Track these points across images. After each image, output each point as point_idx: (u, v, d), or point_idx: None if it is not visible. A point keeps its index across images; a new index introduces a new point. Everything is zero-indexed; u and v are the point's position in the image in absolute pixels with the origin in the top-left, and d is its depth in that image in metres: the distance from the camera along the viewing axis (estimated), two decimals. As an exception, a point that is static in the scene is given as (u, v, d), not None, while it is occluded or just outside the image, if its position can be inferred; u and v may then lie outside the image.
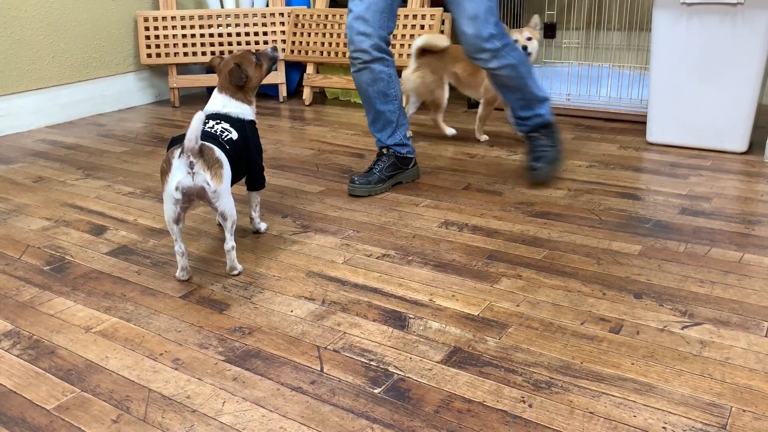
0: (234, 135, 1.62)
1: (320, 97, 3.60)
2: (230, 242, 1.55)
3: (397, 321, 1.39)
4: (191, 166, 1.43)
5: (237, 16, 3.40)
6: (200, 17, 3.38)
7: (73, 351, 1.32)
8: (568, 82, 3.06)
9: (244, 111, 1.71)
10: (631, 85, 2.95)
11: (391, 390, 1.17)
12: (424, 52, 2.58)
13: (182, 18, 3.38)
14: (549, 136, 2.16)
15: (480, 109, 2.65)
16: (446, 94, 2.60)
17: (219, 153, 1.51)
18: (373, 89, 2.07)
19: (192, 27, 3.38)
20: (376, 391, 1.17)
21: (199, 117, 1.40)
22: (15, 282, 1.62)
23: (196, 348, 1.32)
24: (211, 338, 1.35)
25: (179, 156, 1.44)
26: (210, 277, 1.61)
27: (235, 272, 1.60)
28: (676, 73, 2.42)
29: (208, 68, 1.79)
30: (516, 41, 2.43)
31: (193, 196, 1.49)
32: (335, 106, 3.40)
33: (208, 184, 1.46)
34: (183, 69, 3.61)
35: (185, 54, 3.38)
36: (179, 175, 1.44)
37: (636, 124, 2.82)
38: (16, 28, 3.02)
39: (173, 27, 3.38)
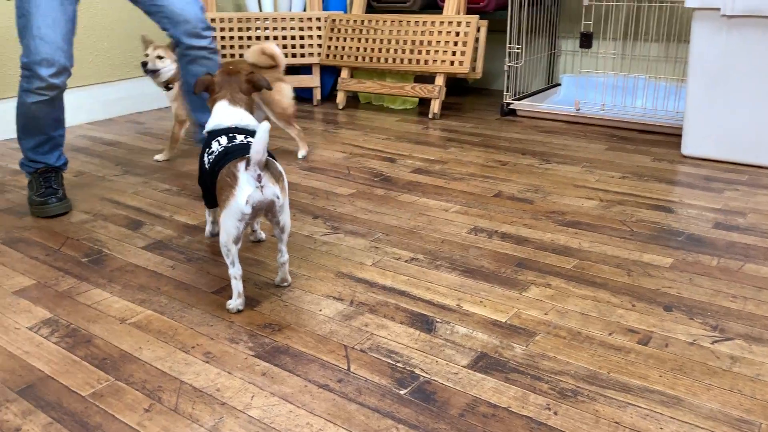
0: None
1: (353, 101, 3.63)
2: (286, 255, 1.52)
3: (424, 324, 1.40)
4: (259, 179, 1.36)
5: (275, 20, 3.46)
6: (239, 20, 3.44)
7: (109, 341, 1.36)
8: (603, 92, 3.05)
9: (255, 124, 1.63)
10: (667, 97, 2.92)
11: (417, 392, 1.18)
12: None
13: (221, 20, 3.44)
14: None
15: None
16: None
17: (279, 165, 1.44)
18: (51, 116, 2.00)
19: (231, 30, 3.44)
20: (401, 392, 1.18)
21: (266, 127, 1.32)
22: (55, 272, 1.67)
23: (226, 342, 1.35)
24: (242, 333, 1.38)
25: (245, 169, 1.36)
26: (243, 273, 1.63)
27: (286, 284, 1.56)
28: (714, 86, 2.39)
29: (200, 90, 1.65)
30: (146, 55, 2.37)
31: (261, 211, 1.41)
32: (368, 110, 3.43)
33: (278, 197, 1.39)
34: (220, 70, 3.67)
35: (224, 56, 3.44)
36: (249, 189, 1.35)
37: (671, 136, 2.79)
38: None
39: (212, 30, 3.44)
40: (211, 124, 1.61)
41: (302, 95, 3.64)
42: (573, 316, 1.43)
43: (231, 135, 1.54)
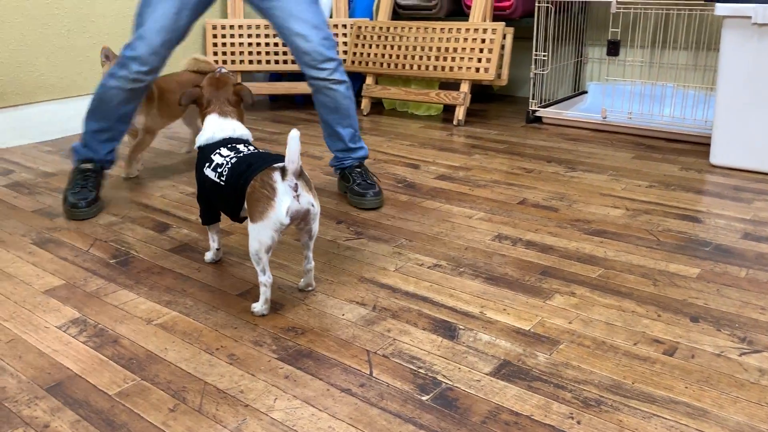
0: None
1: (378, 107, 3.64)
2: (312, 261, 1.53)
3: (447, 331, 1.40)
4: (296, 188, 1.36)
5: (301, 26, 3.48)
6: (266, 26, 3.48)
7: (135, 341, 1.38)
8: (630, 100, 3.02)
9: (248, 134, 1.65)
10: (696, 106, 2.89)
11: (439, 398, 1.18)
12: None
13: (249, 27, 3.48)
14: (366, 170, 2.18)
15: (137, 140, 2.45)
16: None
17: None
18: (122, 107, 2.10)
19: (258, 36, 3.48)
20: (423, 398, 1.18)
21: (296, 135, 1.32)
22: (83, 273, 1.70)
23: (250, 345, 1.36)
24: (266, 336, 1.39)
25: (283, 179, 1.36)
26: (266, 277, 1.65)
27: (310, 288, 1.58)
28: (744, 95, 2.36)
29: (188, 102, 1.66)
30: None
31: (297, 220, 1.41)
32: (392, 116, 3.44)
33: (313, 205, 1.41)
34: (248, 76, 3.72)
35: (250, 62, 3.48)
36: (288, 199, 1.35)
37: (699, 145, 2.76)
38: (93, 33, 3.17)
39: (240, 35, 3.49)
40: (204, 137, 1.61)
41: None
42: (597, 325, 1.41)
43: (230, 146, 1.54)
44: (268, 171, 1.38)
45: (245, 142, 1.59)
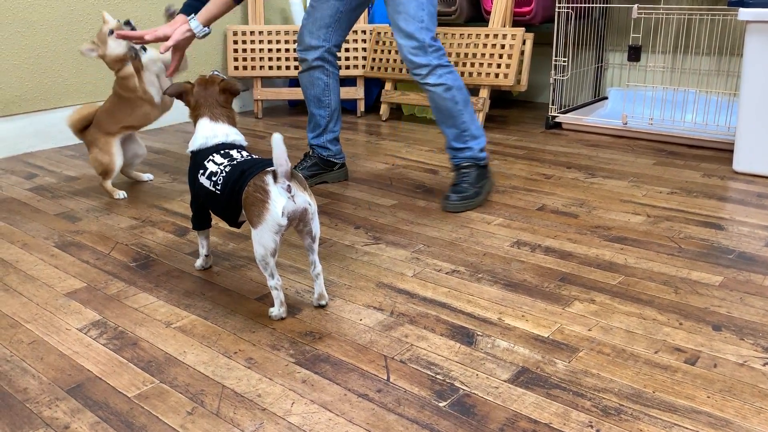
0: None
1: (397, 112, 3.65)
2: (319, 266, 1.49)
3: (465, 337, 1.39)
4: (289, 189, 1.37)
5: (321, 32, 3.50)
6: (286, 32, 3.50)
7: (154, 344, 1.39)
8: (651, 106, 2.99)
9: (242, 137, 1.63)
10: (719, 112, 2.85)
11: (457, 404, 1.18)
12: (84, 130, 2.31)
13: (269, 33, 3.51)
14: (475, 175, 2.17)
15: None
16: (116, 158, 2.27)
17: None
18: (310, 92, 2.33)
19: (278, 42, 3.50)
20: (441, 404, 1.18)
21: (279, 138, 1.32)
22: (104, 276, 1.72)
23: (268, 349, 1.36)
24: (283, 340, 1.39)
25: (275, 182, 1.37)
26: (285, 281, 1.66)
27: (324, 302, 1.52)
28: (768, 101, 2.32)
29: (174, 94, 1.68)
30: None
31: (295, 221, 1.42)
32: (411, 122, 3.44)
33: (310, 204, 1.41)
34: (267, 82, 3.74)
35: (270, 68, 3.50)
36: (282, 200, 1.36)
37: (722, 152, 2.72)
38: (116, 39, 3.21)
39: (260, 41, 3.51)
40: (197, 143, 1.60)
41: (346, 107, 3.68)
42: (617, 333, 1.40)
43: (223, 152, 1.54)
44: (260, 175, 1.39)
45: (238, 148, 1.58)
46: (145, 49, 2.21)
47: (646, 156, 2.70)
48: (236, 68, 3.52)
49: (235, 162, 1.51)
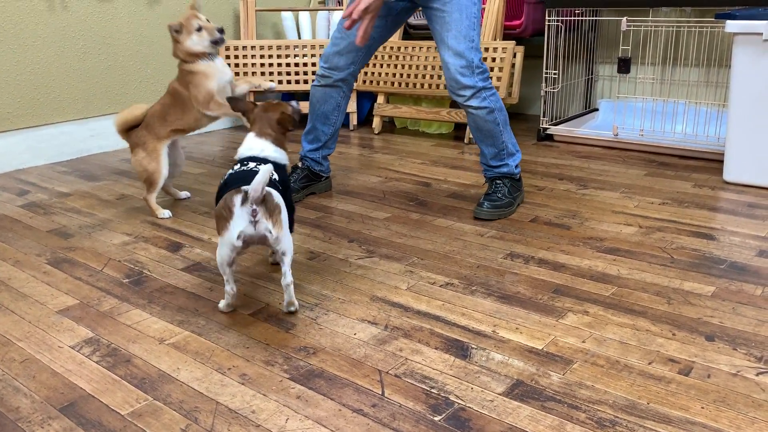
0: (276, 177, 1.59)
1: (389, 126, 3.66)
2: (288, 277, 1.51)
3: (459, 350, 1.39)
4: (254, 214, 1.42)
5: (313, 47, 3.52)
6: (278, 47, 3.52)
7: (147, 361, 1.38)
8: (642, 117, 3.01)
9: (281, 156, 1.69)
10: (708, 123, 2.88)
11: (452, 418, 1.17)
12: (128, 131, 2.28)
13: (261, 48, 3.52)
14: (509, 187, 2.20)
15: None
16: (163, 168, 2.25)
17: (277, 196, 1.49)
18: (320, 107, 2.32)
19: (270, 56, 3.52)
20: (436, 418, 1.18)
21: (267, 169, 1.40)
22: (97, 292, 1.71)
23: (262, 364, 1.36)
24: (277, 356, 1.39)
25: (242, 204, 1.43)
26: (278, 296, 1.65)
27: (293, 308, 1.56)
28: (757, 111, 2.35)
29: (238, 110, 1.77)
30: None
31: (253, 243, 1.49)
32: (403, 135, 3.45)
33: (270, 232, 1.45)
34: (260, 96, 3.75)
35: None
36: (241, 224, 1.43)
37: (712, 162, 2.74)
38: (109, 55, 3.22)
39: (252, 56, 3.53)
40: (239, 153, 1.70)
41: (339, 120, 3.69)
42: (611, 344, 1.40)
43: (244, 162, 1.61)
44: (232, 194, 1.45)
45: (263, 161, 1.61)
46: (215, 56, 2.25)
47: (637, 167, 2.72)
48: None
49: (233, 172, 1.57)
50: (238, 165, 1.61)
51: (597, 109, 3.46)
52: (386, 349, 1.40)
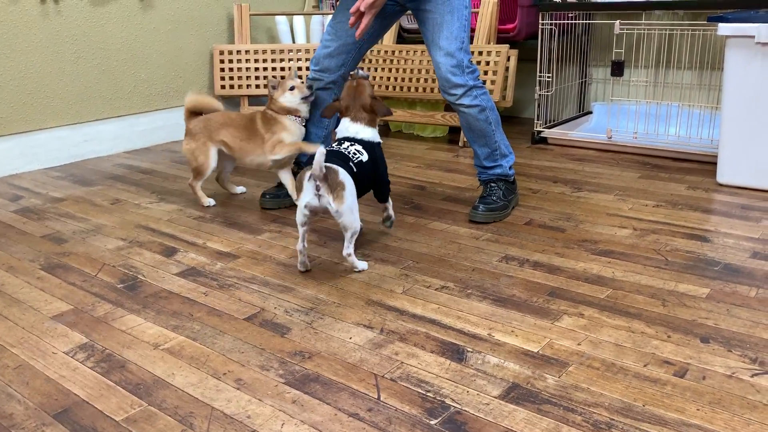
0: (364, 157, 1.85)
1: (384, 129, 3.66)
2: (347, 249, 1.76)
3: (455, 354, 1.39)
4: (317, 189, 1.67)
5: (307, 51, 3.52)
6: (272, 51, 3.52)
7: (142, 366, 1.38)
8: (635, 120, 3.03)
9: (373, 135, 1.94)
10: (701, 125, 2.89)
11: (448, 422, 1.17)
12: (193, 115, 2.36)
13: (255, 52, 3.52)
14: (504, 190, 2.21)
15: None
16: (212, 162, 2.34)
17: (343, 175, 1.71)
18: (312, 110, 2.32)
19: (264, 61, 3.52)
20: (432, 422, 1.17)
21: (321, 151, 1.61)
22: (91, 298, 1.70)
23: (257, 369, 1.35)
24: (273, 360, 1.38)
25: (309, 179, 1.67)
26: (274, 301, 1.65)
27: (357, 269, 1.80)
28: (750, 114, 2.36)
29: (331, 114, 2.00)
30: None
31: (319, 213, 1.73)
32: (399, 138, 3.46)
33: (331, 204, 1.68)
34: (254, 100, 3.75)
35: (257, 86, 3.51)
36: (308, 196, 1.69)
37: (706, 164, 2.75)
38: (102, 59, 3.21)
39: (247, 60, 3.53)
40: (338, 133, 1.96)
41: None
42: (607, 346, 1.40)
43: (339, 142, 1.90)
44: (305, 171, 1.70)
45: (357, 141, 1.89)
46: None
47: (631, 169, 2.73)
48: (223, 87, 3.52)
49: (330, 148, 1.83)
50: (337, 143, 1.89)
51: (591, 112, 3.48)
52: (382, 353, 1.40)
